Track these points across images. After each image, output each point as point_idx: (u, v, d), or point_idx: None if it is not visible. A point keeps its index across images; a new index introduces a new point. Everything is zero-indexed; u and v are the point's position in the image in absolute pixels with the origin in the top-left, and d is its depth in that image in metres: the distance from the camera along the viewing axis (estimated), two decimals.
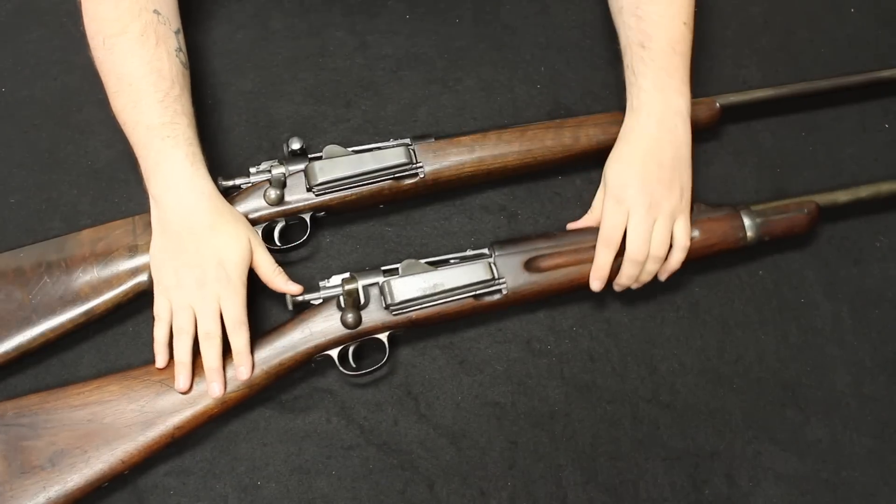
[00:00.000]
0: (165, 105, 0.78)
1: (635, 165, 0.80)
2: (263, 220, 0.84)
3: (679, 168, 0.80)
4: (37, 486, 0.72)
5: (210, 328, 0.75)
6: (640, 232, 0.78)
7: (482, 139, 0.86)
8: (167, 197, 0.76)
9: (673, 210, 0.79)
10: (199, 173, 0.78)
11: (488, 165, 0.86)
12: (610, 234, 0.80)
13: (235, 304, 0.76)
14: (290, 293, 0.80)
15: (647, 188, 0.79)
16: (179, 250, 0.76)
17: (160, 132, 0.77)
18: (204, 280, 0.75)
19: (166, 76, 0.79)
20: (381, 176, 0.84)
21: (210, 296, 0.75)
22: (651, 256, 0.79)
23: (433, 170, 0.85)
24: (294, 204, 0.83)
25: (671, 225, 0.80)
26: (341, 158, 0.84)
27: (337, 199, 0.84)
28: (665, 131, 0.80)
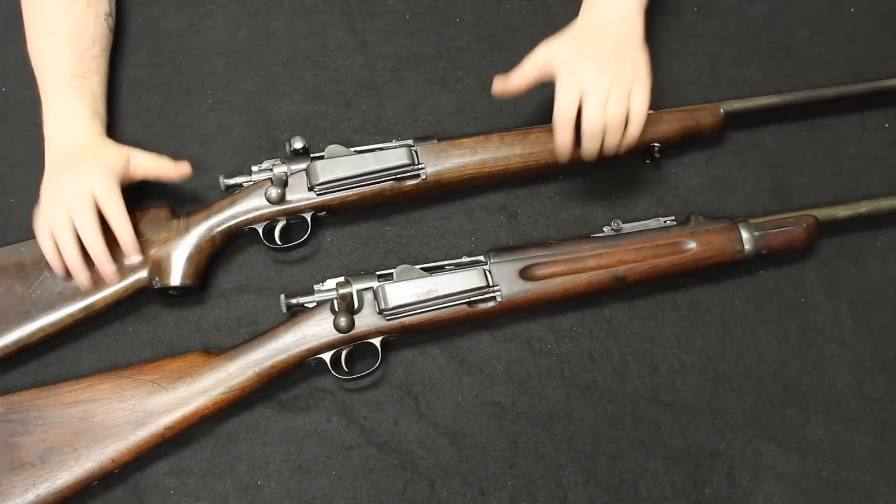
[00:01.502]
0: (81, 60, 0.84)
1: (582, 46, 0.80)
2: (265, 219, 0.84)
3: (627, 48, 0.80)
4: (26, 483, 0.72)
5: (87, 221, 0.76)
6: (593, 101, 0.78)
7: (485, 141, 0.86)
8: (62, 137, 0.81)
9: (628, 80, 0.79)
10: (94, 123, 0.83)
11: (490, 168, 0.86)
12: (566, 109, 0.79)
13: (112, 195, 0.77)
14: (181, 173, 0.83)
15: (596, 59, 0.78)
16: (63, 169, 0.79)
17: (70, 81, 0.82)
18: (80, 182, 0.77)
19: (89, 35, 0.85)
20: (382, 176, 0.84)
21: (85, 194, 0.77)
22: (608, 127, 0.79)
23: (435, 171, 0.85)
24: (295, 203, 0.83)
25: (626, 94, 0.79)
26: (343, 158, 0.83)
27: (338, 199, 0.84)
28: (612, 22, 0.81)
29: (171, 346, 0.84)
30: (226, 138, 0.93)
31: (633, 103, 0.79)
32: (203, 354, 0.78)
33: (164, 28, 0.98)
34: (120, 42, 0.97)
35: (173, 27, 0.98)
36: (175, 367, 0.77)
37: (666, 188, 0.93)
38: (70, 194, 0.77)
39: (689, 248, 0.83)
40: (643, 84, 0.80)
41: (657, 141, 0.88)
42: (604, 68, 0.78)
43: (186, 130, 0.93)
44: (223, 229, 0.83)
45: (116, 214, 0.78)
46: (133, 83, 0.95)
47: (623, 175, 0.93)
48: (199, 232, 0.82)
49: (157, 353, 0.83)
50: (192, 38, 0.98)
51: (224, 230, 0.83)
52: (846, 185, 0.95)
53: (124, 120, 0.93)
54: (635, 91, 0.79)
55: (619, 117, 0.79)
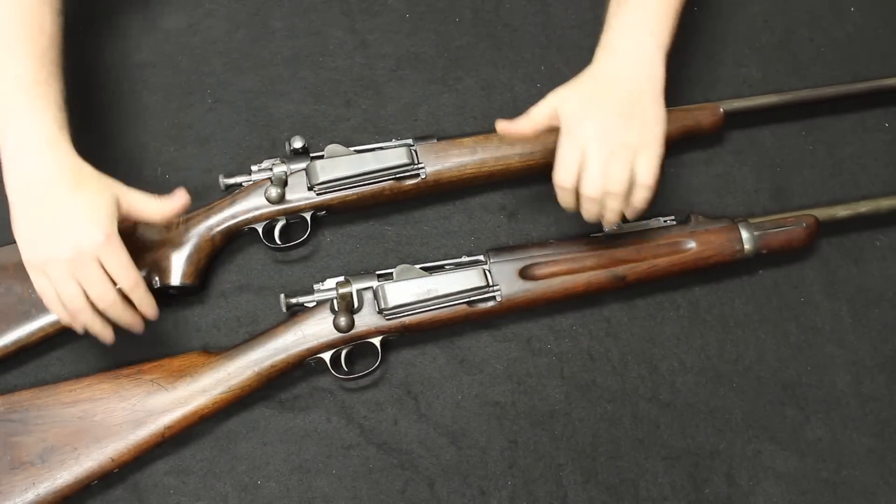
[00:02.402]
0: (42, 63, 0.72)
1: (591, 100, 0.74)
2: (264, 219, 0.84)
3: (641, 102, 0.74)
4: (26, 483, 0.72)
5: (106, 295, 0.70)
6: (593, 166, 0.72)
7: (484, 141, 0.86)
8: (26, 159, 0.69)
9: (632, 144, 0.72)
10: (64, 138, 0.71)
11: (490, 167, 0.86)
12: (564, 174, 0.73)
13: (121, 262, 0.70)
14: (176, 207, 0.75)
15: (601, 121, 0.72)
16: (43, 216, 0.69)
17: (31, 89, 0.71)
18: (78, 247, 0.68)
19: (46, 33, 0.74)
20: (382, 176, 0.84)
21: (91, 262, 0.69)
22: (608, 193, 0.73)
23: (435, 171, 0.85)
24: (295, 203, 0.84)
25: (629, 160, 0.72)
26: (343, 158, 0.84)
27: (338, 199, 0.84)
28: (627, 68, 0.75)
29: (171, 346, 0.84)
30: (225, 138, 0.93)
31: (639, 171, 0.73)
32: (203, 354, 0.78)
33: (164, 28, 0.98)
34: (120, 42, 0.97)
35: (173, 27, 0.98)
36: (175, 367, 0.77)
37: (666, 188, 0.93)
38: (74, 264, 0.68)
39: (688, 248, 0.83)
40: (652, 149, 0.73)
41: None
42: (607, 131, 0.72)
43: (186, 130, 0.93)
44: (223, 229, 0.83)
45: (132, 284, 0.71)
46: (133, 83, 0.95)
47: None
48: (198, 231, 0.82)
49: (157, 353, 0.83)
50: (192, 37, 0.98)
51: (224, 230, 0.83)
52: (846, 185, 0.95)
53: (124, 120, 0.93)
54: (642, 157, 0.73)
55: (619, 187, 0.72)
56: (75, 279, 0.69)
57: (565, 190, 0.74)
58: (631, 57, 0.75)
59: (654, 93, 0.75)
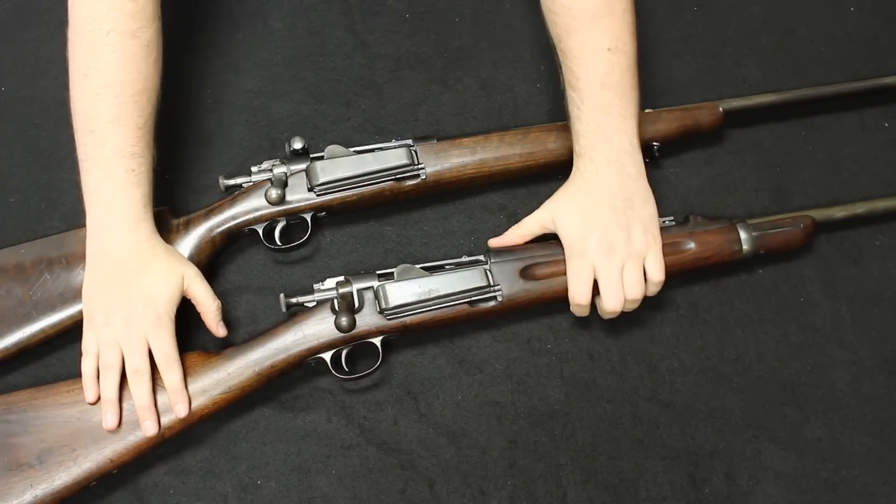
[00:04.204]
0: (142, 134, 0.73)
1: (589, 216, 0.77)
2: (264, 220, 0.84)
3: (634, 207, 0.77)
4: (24, 484, 0.72)
5: (138, 365, 0.73)
6: (611, 284, 0.76)
7: (484, 141, 0.87)
8: (109, 234, 0.74)
9: (638, 251, 0.77)
10: (147, 215, 0.76)
11: (490, 168, 0.87)
12: (580, 293, 0.77)
13: (164, 341, 0.74)
14: (217, 334, 0.79)
15: (606, 238, 0.76)
16: (110, 287, 0.74)
17: (126, 162, 0.72)
18: (131, 318, 0.73)
19: (152, 100, 0.74)
20: (382, 177, 0.84)
21: (137, 333, 0.73)
22: (628, 301, 0.77)
23: (435, 171, 0.85)
24: (295, 203, 0.84)
25: (640, 265, 0.77)
26: (343, 159, 0.84)
27: (338, 200, 0.84)
28: (611, 174, 0.77)
29: None
30: (225, 138, 0.93)
31: (650, 270, 0.77)
32: (202, 354, 0.78)
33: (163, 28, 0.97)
34: None
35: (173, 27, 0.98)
36: None
37: (665, 188, 0.93)
38: (123, 332, 0.73)
39: (687, 249, 0.83)
40: (656, 247, 0.78)
41: (656, 140, 0.88)
42: (614, 247, 0.76)
43: (186, 130, 0.93)
44: (223, 230, 0.83)
45: (169, 363, 0.74)
46: None
47: None
48: (198, 233, 0.82)
49: None
50: (192, 37, 0.98)
51: (224, 231, 0.83)
52: (845, 185, 0.95)
53: None
54: (650, 258, 0.77)
55: (637, 293, 0.77)
56: (119, 345, 0.73)
57: (583, 307, 0.78)
58: (613, 162, 0.77)
59: (641, 183, 0.79)
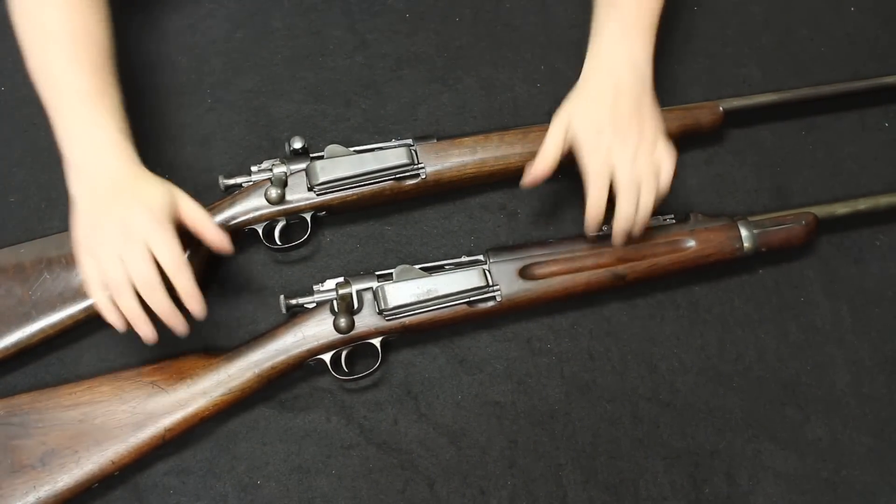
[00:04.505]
0: (99, 75, 0.75)
1: (602, 106, 0.77)
2: (264, 219, 0.84)
3: (643, 103, 0.78)
4: (27, 486, 0.72)
5: (146, 274, 0.69)
6: (625, 165, 0.76)
7: (484, 140, 0.86)
8: (93, 166, 0.72)
9: (650, 136, 0.77)
10: (127, 145, 0.74)
11: (490, 167, 0.86)
12: (598, 198, 0.77)
13: (168, 244, 0.70)
14: (221, 246, 0.76)
15: (619, 125, 0.76)
16: (101, 209, 0.71)
17: (92, 100, 0.73)
18: (129, 228, 0.70)
19: (99, 45, 0.76)
20: (382, 176, 0.84)
21: (138, 241, 0.69)
22: (643, 186, 0.76)
23: (435, 171, 0.85)
24: (295, 203, 0.84)
25: (653, 150, 0.77)
26: (343, 158, 0.84)
27: (338, 199, 0.84)
28: (625, 73, 0.78)
29: (171, 347, 0.84)
30: (225, 138, 0.93)
31: (661, 154, 0.77)
32: (203, 356, 0.78)
33: (163, 28, 0.98)
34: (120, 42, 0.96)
35: (173, 27, 0.98)
36: (175, 369, 0.77)
37: None
38: (121, 243, 0.69)
39: (688, 247, 0.83)
40: (664, 136, 0.78)
41: None
42: (627, 137, 0.76)
43: (186, 130, 0.93)
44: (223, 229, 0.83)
45: (177, 266, 0.70)
46: (133, 83, 0.95)
47: None
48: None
49: (156, 354, 0.83)
50: (192, 37, 0.98)
51: (223, 230, 0.83)
52: (846, 184, 0.95)
53: None
54: (659, 145, 0.77)
55: (652, 176, 0.77)
56: (121, 259, 0.70)
57: (600, 197, 0.77)
58: (625, 65, 0.79)
59: (650, 93, 0.79)
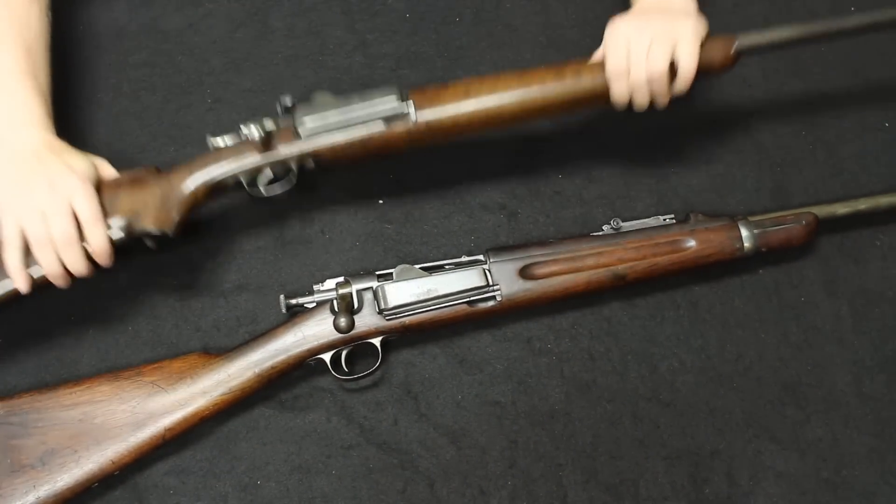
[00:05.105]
0: (29, 56, 0.78)
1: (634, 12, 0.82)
2: (250, 171, 0.79)
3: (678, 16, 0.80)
4: (26, 486, 0.72)
5: (65, 228, 0.72)
6: (637, 51, 0.78)
7: (478, 82, 0.81)
8: (14, 135, 0.75)
9: (670, 34, 0.78)
10: (49, 123, 0.77)
11: (485, 111, 0.80)
12: (616, 56, 0.79)
13: (89, 201, 0.73)
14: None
15: (640, 18, 0.80)
16: (26, 170, 0.73)
17: (19, 78, 0.77)
18: (54, 185, 0.72)
19: (33, 30, 0.80)
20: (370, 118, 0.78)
21: (63, 198, 0.72)
22: (651, 75, 0.78)
23: (426, 116, 0.79)
24: (283, 153, 0.78)
25: (669, 46, 0.78)
26: (331, 107, 0.78)
27: (326, 147, 0.78)
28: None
29: (171, 346, 0.84)
30: None
31: (680, 54, 0.78)
32: (203, 355, 0.78)
33: (163, 28, 0.98)
34: (120, 42, 0.97)
35: (173, 27, 0.98)
36: (175, 368, 0.77)
37: (665, 187, 0.93)
38: (46, 199, 0.72)
39: (688, 247, 0.83)
40: (689, 39, 0.78)
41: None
42: (646, 25, 0.79)
43: (186, 130, 0.93)
44: (207, 182, 0.79)
45: (95, 220, 0.73)
46: (133, 83, 0.95)
47: (623, 174, 0.93)
48: (182, 183, 0.78)
49: (156, 354, 0.83)
50: (192, 37, 0.98)
51: (208, 183, 0.79)
52: (846, 184, 0.95)
53: (124, 120, 0.93)
54: (681, 43, 0.78)
55: (660, 67, 0.78)
56: (44, 215, 0.72)
57: (619, 75, 0.79)
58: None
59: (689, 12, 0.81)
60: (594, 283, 0.82)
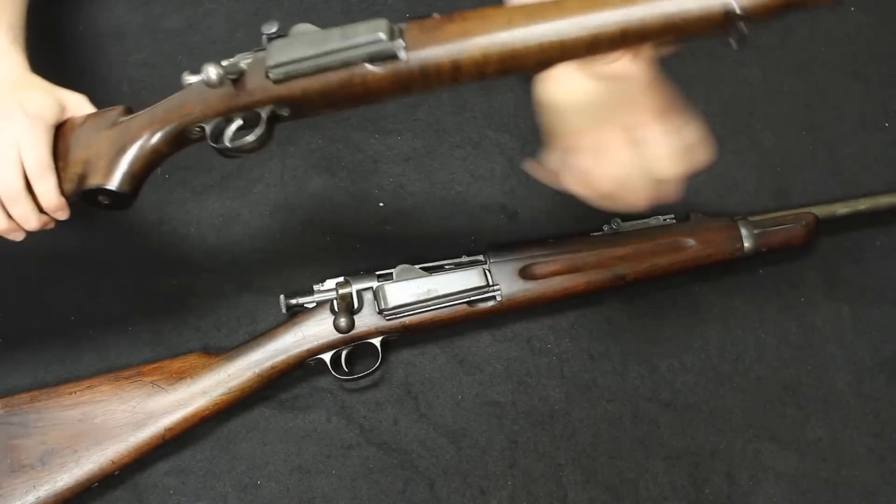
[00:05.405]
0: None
1: None
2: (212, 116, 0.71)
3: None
4: (26, 485, 0.72)
5: (10, 182, 0.65)
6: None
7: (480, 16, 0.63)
8: None
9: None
10: (16, 51, 0.71)
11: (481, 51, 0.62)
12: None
13: (38, 147, 0.66)
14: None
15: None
16: None
17: None
18: (3, 132, 0.65)
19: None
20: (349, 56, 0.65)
21: (10, 147, 0.65)
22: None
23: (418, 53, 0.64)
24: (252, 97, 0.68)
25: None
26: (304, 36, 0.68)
27: (300, 89, 0.66)
28: None
29: (171, 347, 0.84)
30: None
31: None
32: (203, 355, 0.78)
33: (163, 28, 0.98)
34: (120, 42, 0.97)
35: (173, 27, 0.98)
36: (175, 368, 0.77)
37: None
38: None
39: (688, 246, 0.83)
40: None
41: None
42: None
43: None
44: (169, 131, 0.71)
45: (43, 170, 0.66)
46: (133, 83, 0.95)
47: None
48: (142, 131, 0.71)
49: (156, 354, 0.83)
50: (192, 37, 0.98)
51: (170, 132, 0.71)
52: (846, 185, 0.94)
53: None
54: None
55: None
56: None
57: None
58: None
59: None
60: (594, 283, 0.82)
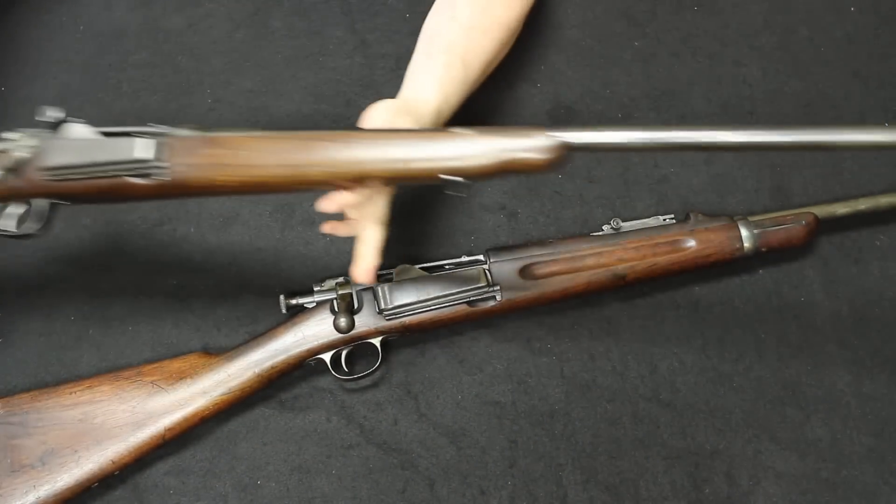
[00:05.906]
0: None
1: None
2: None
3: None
4: (26, 486, 0.72)
5: None
6: None
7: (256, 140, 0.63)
8: None
9: None
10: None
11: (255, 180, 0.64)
12: None
13: None
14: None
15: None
16: None
17: None
18: None
19: None
20: (117, 171, 0.63)
21: None
22: None
23: (180, 174, 0.62)
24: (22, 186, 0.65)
25: None
26: (79, 142, 0.65)
27: (74, 189, 0.64)
28: None
29: (171, 346, 0.84)
30: None
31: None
32: (203, 355, 0.78)
33: (164, 28, 0.98)
34: (120, 42, 0.97)
35: (173, 27, 0.98)
36: (175, 368, 0.77)
37: (665, 187, 0.93)
38: None
39: (688, 246, 0.83)
40: None
41: None
42: None
43: None
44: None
45: None
46: (133, 83, 0.95)
47: (623, 174, 0.93)
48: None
49: (156, 354, 0.83)
50: (192, 37, 0.98)
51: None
52: (846, 185, 0.94)
53: (124, 120, 0.93)
54: None
55: None
56: None
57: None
58: None
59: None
60: (594, 283, 0.82)
